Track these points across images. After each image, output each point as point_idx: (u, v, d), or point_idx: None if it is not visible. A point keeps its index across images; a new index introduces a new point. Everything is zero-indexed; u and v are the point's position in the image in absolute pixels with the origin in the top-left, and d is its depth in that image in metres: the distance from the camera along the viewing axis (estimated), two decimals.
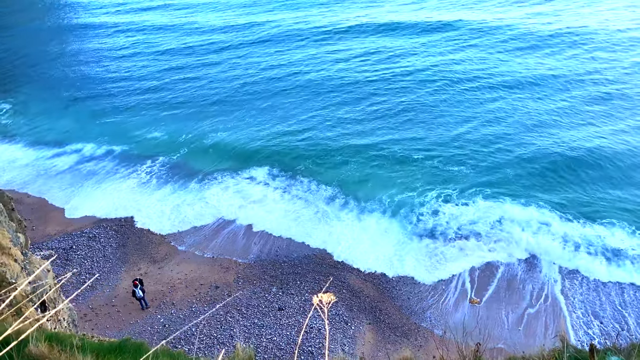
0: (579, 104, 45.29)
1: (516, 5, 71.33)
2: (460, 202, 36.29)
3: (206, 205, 38.04)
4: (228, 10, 75.55)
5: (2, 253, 13.24)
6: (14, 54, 67.78)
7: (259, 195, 38.55)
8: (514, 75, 50.47)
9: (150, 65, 59.10)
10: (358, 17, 67.43)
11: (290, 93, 50.25)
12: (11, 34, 75.70)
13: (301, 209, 36.81)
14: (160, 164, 43.28)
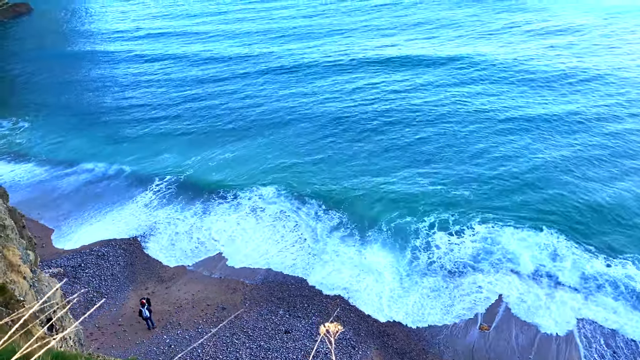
0: (592, 142, 44.54)
1: (528, 38, 70.96)
2: (467, 230, 36.04)
3: (213, 228, 38.07)
4: (242, 39, 76.55)
5: (11, 270, 13.28)
6: (33, 76, 69.30)
7: (263, 221, 38.54)
8: (524, 110, 49.83)
9: (163, 91, 59.97)
10: (366, 49, 67.59)
11: (299, 123, 50.40)
12: (31, 58, 77.43)
13: (306, 237, 36.68)
14: (170, 184, 43.48)
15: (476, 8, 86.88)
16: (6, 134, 54.03)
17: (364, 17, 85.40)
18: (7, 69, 74.87)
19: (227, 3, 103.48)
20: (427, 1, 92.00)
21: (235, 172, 44.17)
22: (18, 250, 14.33)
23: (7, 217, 15.24)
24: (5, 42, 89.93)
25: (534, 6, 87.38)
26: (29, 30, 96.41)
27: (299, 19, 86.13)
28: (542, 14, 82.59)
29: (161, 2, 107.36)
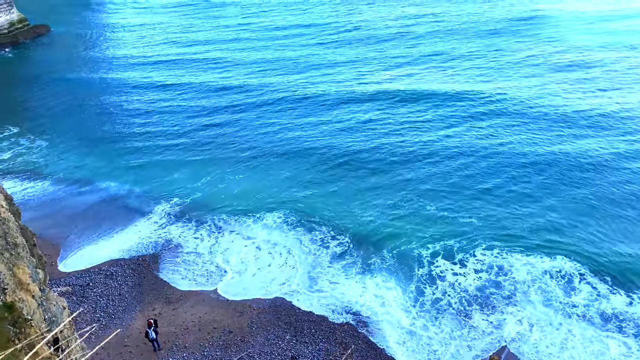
0: (610, 180, 43.52)
1: (544, 71, 68.96)
2: (473, 259, 35.73)
3: (222, 251, 38.08)
4: (255, 68, 76.92)
5: (20, 289, 13.32)
6: (54, 99, 70.56)
7: (270, 246, 38.50)
8: (539, 147, 48.98)
9: (175, 118, 60.33)
10: (380, 81, 67.08)
11: (308, 152, 50.35)
12: (49, 79, 78.91)
13: (312, 264, 36.54)
14: (179, 206, 43.65)
15: (490, 39, 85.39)
16: (23, 152, 54.87)
17: (378, 47, 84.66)
18: (27, 89, 76.31)
19: (242, 30, 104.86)
20: (440, 33, 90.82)
21: (244, 198, 44.23)
22: (28, 268, 14.40)
23: (18, 235, 15.35)
24: (25, 62, 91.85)
25: (550, 36, 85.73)
26: (48, 51, 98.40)
27: (312, 48, 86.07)
28: (559, 45, 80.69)
29: (177, 27, 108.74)
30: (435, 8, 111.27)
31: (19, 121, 63.02)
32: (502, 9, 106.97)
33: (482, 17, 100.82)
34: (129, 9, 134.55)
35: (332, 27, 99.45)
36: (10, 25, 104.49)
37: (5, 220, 14.67)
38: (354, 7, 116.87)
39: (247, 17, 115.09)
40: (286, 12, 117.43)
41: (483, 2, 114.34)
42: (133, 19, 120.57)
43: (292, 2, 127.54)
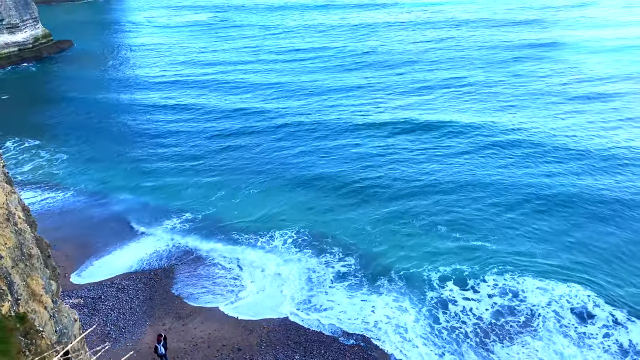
0: None
1: (560, 102, 66.80)
2: (485, 283, 35.31)
3: (233, 267, 38.10)
4: (271, 92, 76.93)
5: (33, 300, 13.43)
6: (74, 113, 71.78)
7: (281, 263, 38.44)
8: (551, 180, 47.84)
9: (192, 137, 60.52)
10: (395, 109, 65.96)
11: (321, 175, 50.33)
12: (72, 96, 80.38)
13: (323, 284, 36.38)
14: (192, 221, 43.92)
15: (508, 66, 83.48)
16: (43, 165, 55.82)
17: (396, 71, 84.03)
18: (48, 102, 77.89)
19: (259, 51, 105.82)
20: (458, 58, 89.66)
21: (257, 216, 44.36)
22: (41, 279, 14.52)
23: (34, 246, 15.50)
24: (48, 77, 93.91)
25: (570, 64, 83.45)
26: (70, 66, 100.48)
27: (329, 71, 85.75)
28: (579, 74, 78.08)
29: (195, 47, 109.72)
30: (454, 32, 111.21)
31: (40, 134, 64.22)
32: (521, 34, 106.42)
33: (501, 43, 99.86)
34: (148, 28, 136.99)
35: (350, 50, 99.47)
36: (35, 40, 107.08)
37: (21, 231, 14.84)
38: (372, 31, 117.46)
39: (265, 38, 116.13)
40: (305, 34, 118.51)
41: (503, 27, 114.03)
42: (151, 38, 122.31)
43: (310, 24, 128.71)
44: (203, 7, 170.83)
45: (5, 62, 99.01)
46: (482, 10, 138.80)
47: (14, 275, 12.80)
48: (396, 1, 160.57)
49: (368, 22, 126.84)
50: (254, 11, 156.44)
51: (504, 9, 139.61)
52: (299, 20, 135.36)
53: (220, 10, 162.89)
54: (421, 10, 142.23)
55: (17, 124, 65.91)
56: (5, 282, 11.92)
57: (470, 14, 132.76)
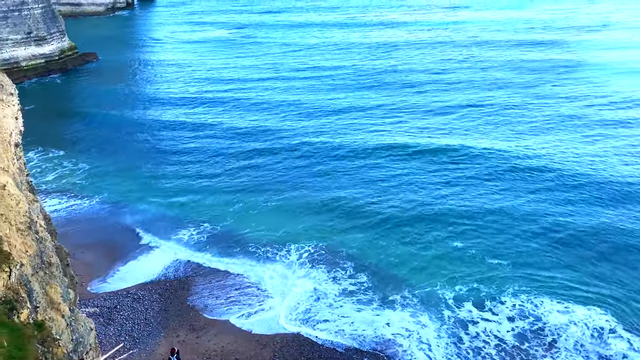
0: None
1: (585, 129, 64.20)
2: (504, 305, 34.82)
3: (249, 280, 38.16)
4: (290, 111, 76.66)
5: (51, 308, 13.62)
6: (96, 125, 73.00)
7: (296, 278, 38.40)
8: (572, 208, 46.23)
9: (212, 155, 60.69)
10: (405, 132, 64.30)
11: (337, 195, 49.87)
12: (95, 108, 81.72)
13: (340, 299, 36.23)
14: (209, 232, 44.32)
15: (530, 89, 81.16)
16: (66, 174, 56.93)
17: (415, 90, 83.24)
18: (72, 114, 79.46)
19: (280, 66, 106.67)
20: (479, 80, 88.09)
21: (273, 229, 44.52)
22: (60, 288, 14.73)
23: (53, 255, 15.77)
24: (73, 89, 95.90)
25: (595, 88, 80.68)
26: (94, 79, 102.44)
27: (349, 90, 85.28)
28: (604, 98, 75.19)
29: (216, 64, 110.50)
30: (476, 52, 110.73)
31: (63, 145, 65.51)
32: (543, 54, 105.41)
33: (523, 63, 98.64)
34: (171, 43, 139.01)
35: (369, 68, 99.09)
36: (61, 52, 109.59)
37: (42, 239, 15.13)
38: (392, 49, 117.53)
39: (285, 55, 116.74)
40: (325, 51, 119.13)
41: (525, 47, 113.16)
42: (173, 54, 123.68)
43: (331, 42, 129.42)
44: (225, 23, 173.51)
45: (31, 74, 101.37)
46: (503, 29, 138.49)
47: (34, 282, 13.03)
48: (417, 20, 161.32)
49: (388, 41, 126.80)
50: (275, 28, 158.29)
51: (525, 28, 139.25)
52: (319, 38, 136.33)
53: (242, 27, 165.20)
54: (442, 29, 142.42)
55: (42, 134, 67.15)
56: (25, 290, 12.13)
57: (492, 34, 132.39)
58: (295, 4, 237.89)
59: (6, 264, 11.45)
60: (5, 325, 10.49)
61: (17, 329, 10.70)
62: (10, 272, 11.50)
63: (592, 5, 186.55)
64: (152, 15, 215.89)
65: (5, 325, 10.50)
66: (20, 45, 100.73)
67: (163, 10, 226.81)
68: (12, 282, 11.63)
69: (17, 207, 13.73)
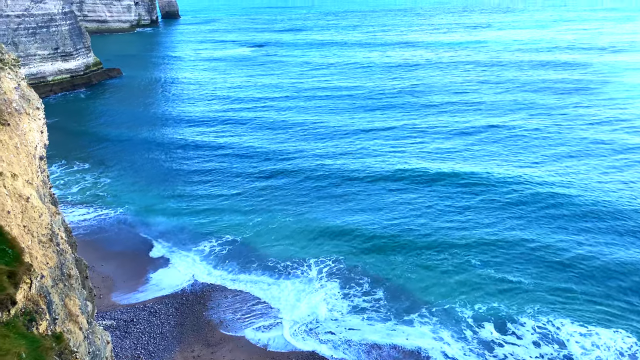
0: None
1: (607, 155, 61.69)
2: (525, 325, 34.09)
3: (265, 296, 38.06)
4: (307, 135, 77.73)
5: (69, 320, 13.72)
6: (118, 140, 74.76)
7: (312, 295, 38.16)
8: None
9: (231, 175, 60.78)
10: (427, 158, 62.72)
11: (354, 218, 49.28)
12: (118, 123, 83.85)
13: (353, 319, 35.91)
14: (228, 245, 44.43)
15: (553, 115, 78.39)
16: (89, 187, 57.88)
17: (436, 110, 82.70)
18: (95, 128, 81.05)
19: (299, 86, 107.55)
20: (501, 102, 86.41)
21: (291, 245, 44.70)
22: (78, 300, 14.86)
23: (73, 267, 15.93)
24: (96, 103, 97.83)
25: (617, 105, 79.54)
26: (117, 94, 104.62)
27: (367, 112, 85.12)
28: (628, 119, 73.42)
29: (237, 83, 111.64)
30: (497, 72, 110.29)
31: (87, 158, 66.79)
32: (566, 75, 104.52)
33: (546, 85, 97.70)
34: (193, 61, 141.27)
35: (388, 89, 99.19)
36: (86, 67, 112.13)
37: (63, 251, 15.31)
38: (412, 69, 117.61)
39: (304, 74, 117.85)
40: (345, 70, 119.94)
41: (547, 68, 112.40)
42: (195, 72, 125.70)
43: (351, 62, 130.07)
44: (246, 41, 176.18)
45: (57, 88, 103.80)
46: (525, 49, 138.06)
47: (53, 294, 13.16)
48: (438, 40, 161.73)
49: (409, 61, 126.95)
50: (295, 47, 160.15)
51: (548, 48, 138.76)
52: (339, 57, 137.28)
53: (262, 45, 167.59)
54: (463, 49, 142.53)
55: (64, 148, 68.46)
56: (45, 301, 12.25)
57: (514, 54, 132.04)
58: (316, 22, 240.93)
59: (27, 275, 11.59)
60: (25, 336, 10.59)
61: (36, 341, 10.79)
62: (31, 284, 11.64)
63: (618, 25, 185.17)
64: (175, 32, 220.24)
65: (24, 336, 10.60)
66: (47, 60, 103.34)
67: (186, 28, 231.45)
68: (33, 293, 11.76)
69: (39, 220, 13.94)
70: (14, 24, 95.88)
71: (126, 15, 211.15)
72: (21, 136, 15.40)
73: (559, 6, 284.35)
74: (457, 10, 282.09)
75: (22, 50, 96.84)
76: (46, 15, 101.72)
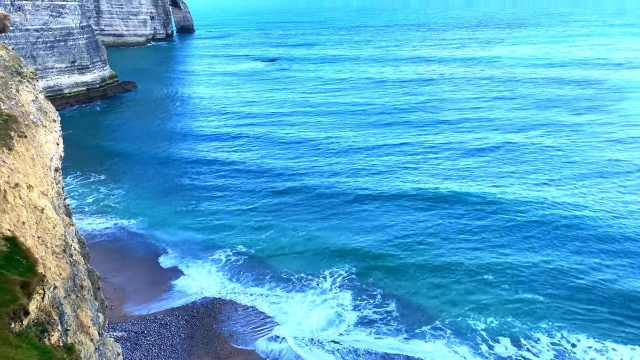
0: None
1: None
2: (540, 342, 33.58)
3: (275, 309, 37.92)
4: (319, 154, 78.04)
5: (81, 331, 13.77)
6: (133, 153, 75.41)
7: (326, 309, 37.95)
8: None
9: (242, 191, 60.48)
10: (442, 180, 60.67)
11: (367, 237, 48.65)
12: (132, 136, 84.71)
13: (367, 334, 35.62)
14: (240, 258, 44.45)
15: (569, 135, 76.37)
16: (102, 198, 58.40)
17: (445, 129, 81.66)
18: (110, 141, 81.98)
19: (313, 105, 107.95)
20: (512, 120, 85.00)
21: (304, 257, 44.69)
22: (90, 311, 14.92)
23: (85, 278, 16.03)
24: (112, 116, 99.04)
25: (635, 124, 77.74)
26: (133, 107, 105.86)
27: (379, 128, 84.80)
28: None
29: (250, 99, 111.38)
30: (512, 88, 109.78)
31: (102, 170, 67.51)
32: (581, 92, 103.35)
33: (563, 101, 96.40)
34: (206, 76, 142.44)
35: (401, 105, 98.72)
36: (102, 80, 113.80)
37: (76, 262, 15.42)
38: (425, 84, 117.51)
39: (316, 89, 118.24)
40: (358, 86, 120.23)
41: (566, 84, 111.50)
42: (208, 87, 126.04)
43: (363, 77, 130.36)
44: (259, 56, 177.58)
45: (73, 101, 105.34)
46: (540, 65, 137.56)
47: (66, 305, 13.23)
48: (451, 55, 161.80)
49: (422, 77, 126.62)
50: (308, 61, 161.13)
51: (562, 63, 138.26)
52: (352, 72, 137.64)
53: (275, 59, 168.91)
54: (476, 64, 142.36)
55: (80, 160, 69.24)
56: (57, 312, 12.32)
57: (528, 69, 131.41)
58: (329, 37, 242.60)
59: (40, 285, 11.68)
60: (37, 347, 10.64)
61: (48, 352, 10.83)
62: (44, 294, 11.72)
63: (634, 40, 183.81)
64: (190, 46, 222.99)
65: (36, 347, 10.65)
66: (65, 73, 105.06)
67: (200, 42, 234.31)
68: (45, 304, 11.84)
69: (53, 230, 14.08)
70: (32, 37, 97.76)
71: (142, 30, 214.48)
72: (37, 148, 15.62)
73: (574, 21, 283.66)
74: (471, 25, 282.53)
75: (40, 63, 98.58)
76: (64, 29, 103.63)
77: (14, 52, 18.56)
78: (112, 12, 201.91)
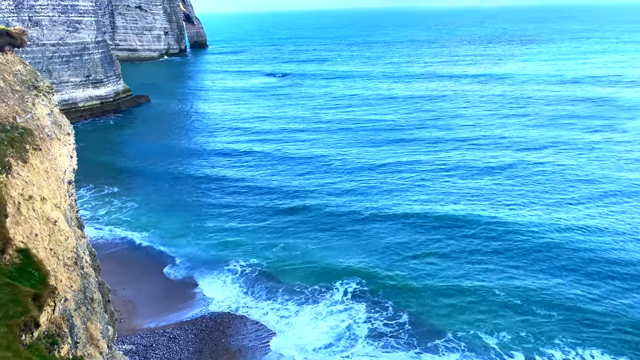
0: None
1: None
2: None
3: (285, 324, 37.71)
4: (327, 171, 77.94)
5: (90, 344, 13.77)
6: (145, 166, 76.21)
7: (337, 322, 37.68)
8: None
9: (252, 210, 60.05)
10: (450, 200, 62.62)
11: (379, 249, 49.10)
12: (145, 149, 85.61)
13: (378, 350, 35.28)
14: (251, 272, 44.44)
15: (583, 147, 76.90)
16: (114, 211, 58.83)
17: (456, 147, 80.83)
18: (123, 154, 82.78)
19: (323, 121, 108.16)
20: (525, 139, 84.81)
21: (315, 270, 44.63)
22: (100, 324, 14.93)
23: (96, 291, 16.07)
24: (125, 130, 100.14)
25: None
26: (146, 121, 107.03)
27: (389, 145, 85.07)
28: None
29: (260, 116, 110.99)
30: (524, 105, 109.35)
31: (115, 182, 68.13)
32: (598, 110, 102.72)
33: (578, 118, 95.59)
34: (218, 92, 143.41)
35: (413, 121, 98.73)
36: (116, 94, 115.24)
37: (87, 274, 15.48)
38: (436, 101, 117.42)
39: (327, 105, 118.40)
40: (369, 102, 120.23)
41: (578, 101, 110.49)
42: (220, 103, 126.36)
43: (375, 93, 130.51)
44: (271, 72, 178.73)
45: (87, 114, 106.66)
46: (552, 82, 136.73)
47: (76, 318, 13.26)
48: (463, 72, 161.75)
49: (433, 94, 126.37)
50: (319, 77, 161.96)
51: (573, 79, 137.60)
52: (363, 89, 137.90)
53: (287, 75, 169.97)
54: (487, 81, 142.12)
55: (92, 173, 69.81)
56: (67, 325, 12.34)
57: (539, 86, 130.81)
58: (340, 52, 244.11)
59: (51, 298, 11.73)
60: (47, 359, 10.65)
61: None
62: (55, 307, 11.76)
63: None
64: (203, 61, 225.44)
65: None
66: (79, 87, 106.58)
67: (213, 58, 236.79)
68: (56, 316, 11.87)
69: (65, 243, 14.17)
70: (49, 52, 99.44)
71: (156, 45, 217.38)
72: (51, 160, 15.79)
73: (586, 38, 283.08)
74: (482, 41, 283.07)
75: (55, 77, 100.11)
76: (80, 44, 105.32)
77: (30, 66, 18.88)
78: (126, 28, 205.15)
